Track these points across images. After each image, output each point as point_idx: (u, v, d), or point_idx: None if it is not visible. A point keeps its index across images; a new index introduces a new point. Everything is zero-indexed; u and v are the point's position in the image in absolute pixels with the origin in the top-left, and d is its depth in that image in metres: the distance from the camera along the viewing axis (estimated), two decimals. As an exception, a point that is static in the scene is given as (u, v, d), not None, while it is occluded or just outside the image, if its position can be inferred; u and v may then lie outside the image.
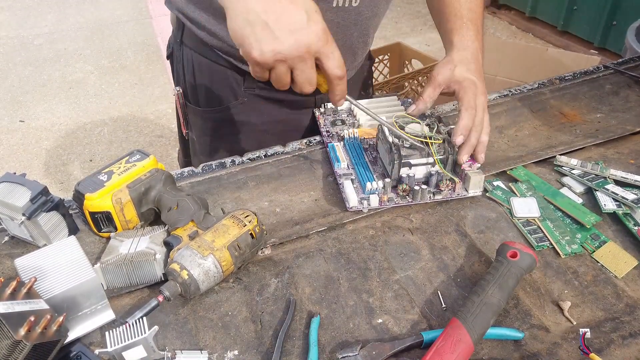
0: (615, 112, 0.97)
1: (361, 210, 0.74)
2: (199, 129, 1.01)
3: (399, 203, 0.75)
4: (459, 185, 0.76)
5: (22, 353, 0.47)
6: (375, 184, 0.75)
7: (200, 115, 0.99)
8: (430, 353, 0.53)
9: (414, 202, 0.75)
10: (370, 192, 0.75)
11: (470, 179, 0.75)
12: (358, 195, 0.75)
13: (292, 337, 0.59)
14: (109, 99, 3.08)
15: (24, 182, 0.68)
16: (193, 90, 0.97)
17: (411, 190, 0.75)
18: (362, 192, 0.76)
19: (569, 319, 0.60)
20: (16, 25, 4.05)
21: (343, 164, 0.81)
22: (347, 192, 0.75)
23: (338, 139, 0.87)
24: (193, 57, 0.94)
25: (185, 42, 0.95)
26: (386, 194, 0.75)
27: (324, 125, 0.91)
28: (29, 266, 0.59)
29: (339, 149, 0.84)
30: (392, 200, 0.75)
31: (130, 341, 0.53)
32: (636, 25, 1.90)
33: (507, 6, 3.88)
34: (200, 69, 0.94)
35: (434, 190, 0.76)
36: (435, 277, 0.66)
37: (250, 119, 0.97)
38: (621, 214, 0.73)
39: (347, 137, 0.86)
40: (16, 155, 2.65)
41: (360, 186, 0.77)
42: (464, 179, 0.76)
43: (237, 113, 0.96)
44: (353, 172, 0.80)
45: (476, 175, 0.75)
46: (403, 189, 0.75)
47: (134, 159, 0.73)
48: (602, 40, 3.14)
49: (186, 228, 0.66)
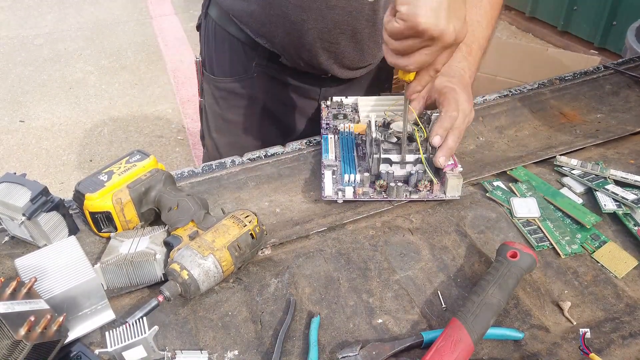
0: (615, 112, 0.97)
1: (335, 201, 0.76)
2: (210, 96, 1.07)
3: (374, 198, 0.76)
4: (437, 187, 0.76)
5: (22, 353, 0.47)
6: (353, 177, 0.76)
7: (212, 83, 1.05)
8: (430, 353, 0.53)
9: (389, 198, 0.76)
10: (348, 184, 0.76)
11: (448, 181, 0.75)
12: (336, 187, 0.77)
13: (292, 337, 0.59)
14: (109, 99, 3.09)
15: (24, 182, 0.68)
16: (210, 59, 1.05)
17: (387, 187, 0.75)
18: (340, 183, 0.77)
19: (569, 319, 0.60)
20: (16, 25, 4.05)
21: (331, 155, 0.82)
22: (325, 182, 0.77)
23: (334, 132, 0.88)
24: (215, 29, 1.01)
25: (210, 13, 1.01)
26: (362, 187, 0.76)
27: (326, 118, 0.92)
28: (29, 266, 0.59)
29: (332, 141, 0.85)
30: (367, 194, 0.76)
31: (131, 341, 0.53)
32: (636, 25, 1.90)
33: (507, 6, 3.88)
34: (217, 40, 1.01)
35: (411, 190, 0.76)
36: (435, 277, 0.66)
37: (257, 94, 1.02)
38: (621, 214, 0.73)
39: (342, 130, 0.87)
40: (16, 155, 2.65)
41: (340, 178, 0.78)
42: (443, 181, 0.76)
43: (245, 86, 1.02)
44: (338, 164, 0.81)
45: (454, 179, 0.75)
46: (380, 185, 0.76)
47: (134, 159, 0.73)
48: (602, 41, 3.14)
49: (186, 228, 0.66)
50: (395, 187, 0.75)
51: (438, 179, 0.77)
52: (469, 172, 0.82)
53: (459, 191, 0.76)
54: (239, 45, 0.98)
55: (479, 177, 0.81)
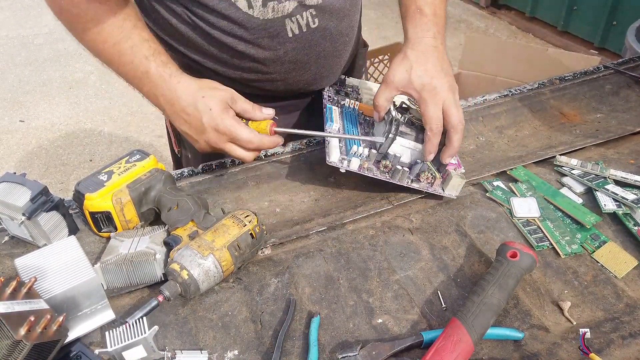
0: (615, 112, 0.97)
1: (339, 169, 0.73)
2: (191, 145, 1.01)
3: (377, 176, 0.75)
4: (438, 182, 0.76)
5: (22, 353, 0.47)
6: (361, 149, 0.75)
7: None
8: (430, 353, 0.53)
9: (392, 180, 0.75)
10: (354, 155, 0.75)
11: (450, 180, 0.75)
12: (342, 156, 0.76)
13: (292, 337, 0.59)
14: (109, 99, 3.08)
15: (24, 182, 0.68)
16: None
17: (392, 169, 0.75)
18: (346, 154, 0.76)
19: (569, 319, 0.60)
20: (16, 25, 4.05)
21: (335, 125, 0.80)
22: (331, 147, 0.76)
23: (338, 105, 0.88)
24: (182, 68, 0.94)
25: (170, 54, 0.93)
26: (369, 161, 0.75)
27: (327, 90, 0.91)
28: (29, 266, 0.59)
29: (336, 112, 0.84)
30: (371, 170, 0.75)
31: (130, 341, 0.53)
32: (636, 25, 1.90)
33: (507, 6, 3.88)
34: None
35: (413, 178, 0.76)
36: (435, 277, 0.66)
37: None
38: (621, 214, 0.73)
39: (346, 105, 0.87)
40: (16, 155, 2.65)
41: (346, 149, 0.77)
42: (445, 178, 0.76)
43: None
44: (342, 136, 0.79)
45: (457, 178, 0.75)
46: (385, 165, 0.75)
47: (134, 158, 0.73)
48: (602, 41, 3.14)
49: (186, 228, 0.66)
50: (401, 170, 0.74)
51: (440, 175, 0.76)
52: (469, 172, 0.82)
53: (457, 191, 0.76)
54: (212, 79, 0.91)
55: (479, 176, 0.81)
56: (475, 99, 1.00)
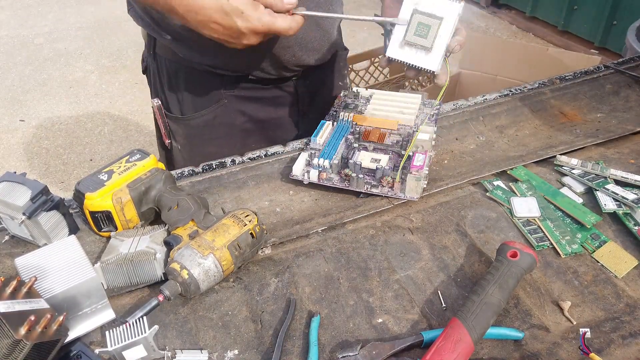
0: (616, 111, 0.97)
1: (301, 181, 0.79)
2: (183, 137, 1.01)
3: (336, 185, 0.78)
4: (397, 185, 0.76)
5: (22, 352, 0.47)
6: (323, 162, 0.78)
7: (182, 123, 0.99)
8: (431, 353, 0.53)
9: (350, 188, 0.77)
10: (316, 167, 0.78)
11: (407, 182, 0.75)
12: (306, 168, 0.80)
13: (292, 337, 0.59)
14: (110, 98, 3.08)
15: (24, 181, 0.68)
16: (173, 99, 0.98)
17: (352, 177, 0.77)
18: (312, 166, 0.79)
19: (569, 319, 0.60)
20: (16, 24, 4.05)
21: (320, 140, 0.83)
22: (297, 162, 0.80)
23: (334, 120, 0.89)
24: (168, 66, 0.95)
25: (158, 52, 0.95)
26: (327, 172, 0.78)
27: (336, 106, 0.93)
28: (29, 265, 0.59)
29: (326, 128, 0.86)
30: (330, 180, 0.78)
31: (131, 340, 0.53)
32: (636, 25, 1.90)
33: (507, 6, 3.88)
34: (177, 77, 0.95)
35: (374, 183, 0.77)
36: (436, 277, 0.66)
37: (233, 120, 0.98)
38: (621, 214, 0.73)
39: (340, 118, 0.88)
40: (16, 154, 2.65)
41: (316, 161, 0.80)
42: (405, 181, 0.76)
43: (219, 115, 0.97)
44: (320, 149, 0.82)
45: (413, 181, 0.75)
46: (345, 174, 0.77)
47: (134, 158, 0.73)
48: (602, 40, 3.14)
49: (186, 227, 0.66)
50: (356, 178, 0.76)
51: (400, 179, 0.76)
52: (469, 172, 0.82)
53: (417, 193, 0.76)
54: (202, 76, 0.93)
55: (479, 176, 0.81)
56: (475, 98, 1.00)
